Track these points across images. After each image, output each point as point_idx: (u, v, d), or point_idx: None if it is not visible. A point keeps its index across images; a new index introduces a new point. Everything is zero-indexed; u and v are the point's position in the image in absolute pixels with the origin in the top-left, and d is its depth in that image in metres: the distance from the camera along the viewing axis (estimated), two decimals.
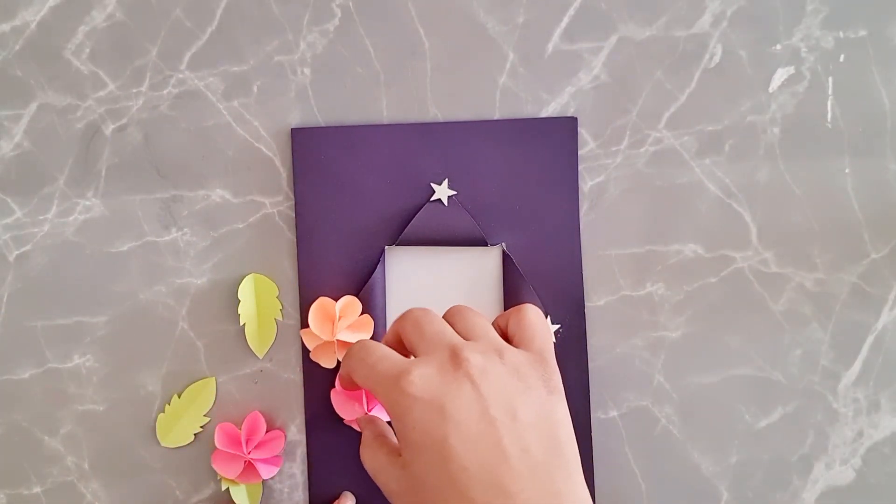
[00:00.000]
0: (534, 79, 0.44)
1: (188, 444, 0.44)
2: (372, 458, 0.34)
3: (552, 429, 0.31)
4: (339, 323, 0.42)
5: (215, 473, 0.44)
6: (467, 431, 0.30)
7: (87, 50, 0.44)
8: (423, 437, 0.30)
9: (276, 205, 0.44)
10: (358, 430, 0.43)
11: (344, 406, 0.42)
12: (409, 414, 0.30)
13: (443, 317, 0.36)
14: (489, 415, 0.30)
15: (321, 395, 0.44)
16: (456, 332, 0.34)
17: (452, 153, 0.44)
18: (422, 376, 0.31)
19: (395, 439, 0.36)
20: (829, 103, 0.44)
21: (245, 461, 0.43)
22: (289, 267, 0.44)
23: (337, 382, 0.43)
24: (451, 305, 0.36)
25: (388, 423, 0.40)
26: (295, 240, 0.44)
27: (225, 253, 0.44)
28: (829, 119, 0.44)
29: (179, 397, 0.44)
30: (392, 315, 0.44)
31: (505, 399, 0.30)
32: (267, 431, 0.44)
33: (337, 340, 0.42)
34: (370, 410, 0.42)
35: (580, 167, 0.44)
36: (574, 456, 0.31)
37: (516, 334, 0.35)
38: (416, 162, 0.44)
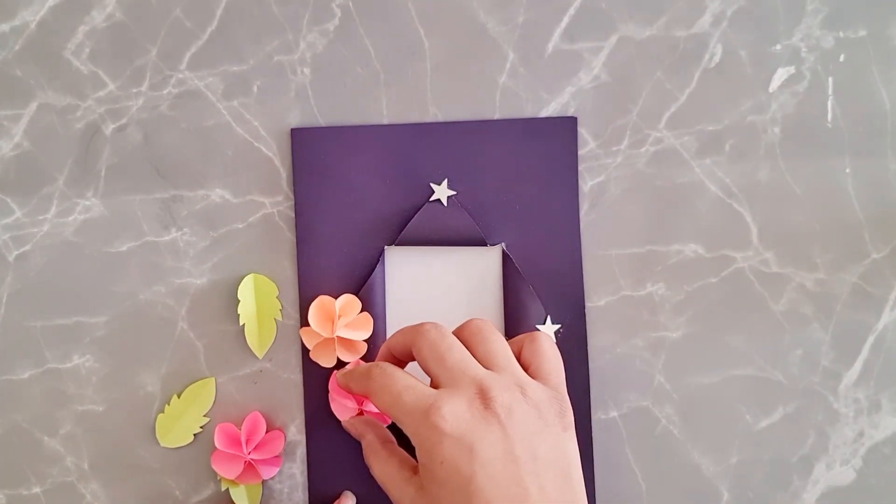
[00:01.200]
0: (534, 79, 0.44)
1: (188, 445, 0.44)
2: (383, 467, 0.35)
3: (566, 466, 0.32)
4: (339, 321, 0.42)
5: (215, 474, 0.44)
6: (492, 470, 0.31)
7: (87, 50, 0.44)
8: (450, 473, 0.31)
9: (276, 205, 0.44)
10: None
11: (342, 410, 0.42)
12: (438, 449, 0.31)
13: (459, 333, 0.36)
14: (513, 454, 0.31)
15: (321, 395, 0.44)
16: (476, 356, 0.35)
17: (452, 153, 0.44)
18: (452, 413, 0.32)
19: (397, 446, 0.37)
20: (829, 103, 0.44)
21: (245, 461, 0.42)
22: (288, 267, 0.44)
23: (331, 385, 0.43)
24: (469, 320, 0.37)
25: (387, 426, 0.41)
26: (295, 240, 0.44)
27: (225, 253, 0.44)
28: (829, 119, 0.44)
29: (179, 397, 0.44)
30: (392, 315, 0.44)
31: (527, 438, 0.32)
32: (267, 432, 0.43)
33: (337, 338, 0.42)
34: (362, 405, 0.42)
35: (580, 167, 0.44)
36: (582, 492, 0.32)
37: (531, 364, 0.35)
38: (416, 162, 0.44)
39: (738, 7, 0.44)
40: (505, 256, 0.44)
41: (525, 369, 0.35)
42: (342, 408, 0.42)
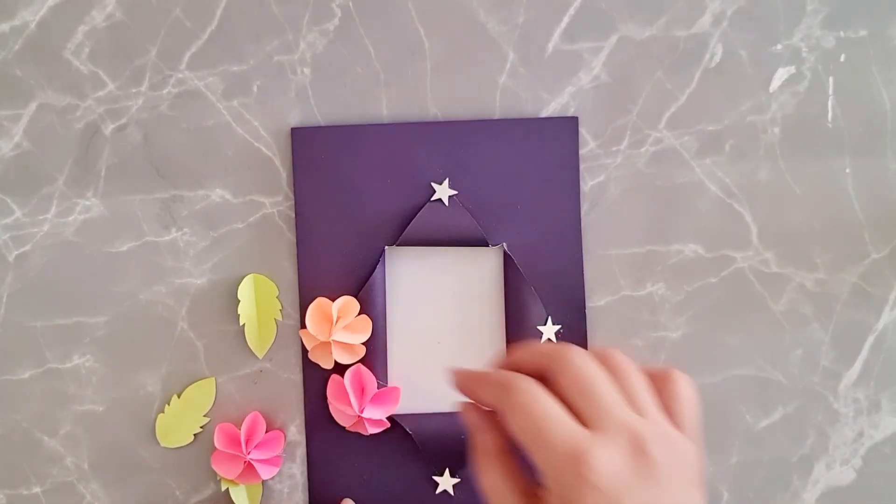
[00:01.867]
0: (534, 79, 0.44)
1: (188, 445, 0.44)
2: (495, 480, 0.33)
3: None
4: (336, 324, 0.42)
5: (215, 474, 0.44)
6: None
7: (87, 50, 0.44)
8: None
9: (276, 205, 0.44)
10: (358, 431, 0.42)
11: (342, 417, 0.42)
12: (581, 500, 0.29)
13: (599, 361, 0.33)
14: None
15: (321, 395, 0.43)
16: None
17: (453, 153, 0.44)
18: (604, 463, 0.30)
19: (515, 458, 0.33)
20: (829, 103, 0.44)
21: (245, 462, 0.42)
22: (288, 267, 0.44)
23: (329, 390, 0.43)
24: (606, 349, 0.34)
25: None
26: (295, 240, 0.44)
27: (225, 253, 0.44)
28: (829, 119, 0.44)
29: (179, 397, 0.44)
30: (392, 315, 0.44)
31: (671, 496, 0.30)
32: (267, 432, 0.43)
33: (333, 341, 0.42)
34: (362, 412, 0.42)
35: (580, 167, 0.44)
36: None
37: (670, 409, 0.33)
38: (417, 161, 0.44)
39: (738, 7, 0.44)
40: (506, 256, 0.44)
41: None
42: (342, 414, 0.42)
